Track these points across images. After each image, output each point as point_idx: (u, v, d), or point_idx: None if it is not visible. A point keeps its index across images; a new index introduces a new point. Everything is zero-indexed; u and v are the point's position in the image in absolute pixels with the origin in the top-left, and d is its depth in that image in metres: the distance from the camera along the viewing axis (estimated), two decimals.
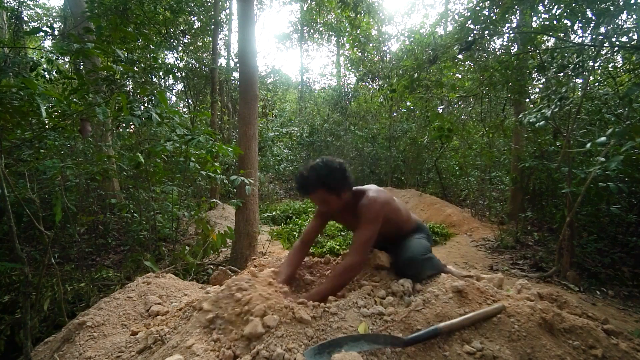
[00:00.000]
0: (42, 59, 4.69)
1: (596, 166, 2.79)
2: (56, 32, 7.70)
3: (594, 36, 3.44)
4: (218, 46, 7.77)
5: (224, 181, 3.48)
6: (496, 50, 5.33)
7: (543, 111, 3.41)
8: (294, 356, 1.10)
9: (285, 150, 10.56)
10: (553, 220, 4.63)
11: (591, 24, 3.35)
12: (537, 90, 5.67)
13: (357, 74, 11.46)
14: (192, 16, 7.63)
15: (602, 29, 3.37)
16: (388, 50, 10.47)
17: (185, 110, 9.24)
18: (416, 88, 5.57)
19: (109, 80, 3.10)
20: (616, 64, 4.66)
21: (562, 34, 3.92)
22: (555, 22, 3.71)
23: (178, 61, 7.46)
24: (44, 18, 11.28)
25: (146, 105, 3.58)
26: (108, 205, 4.14)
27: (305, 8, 15.12)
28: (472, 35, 4.35)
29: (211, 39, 7.87)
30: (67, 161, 3.15)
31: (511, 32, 4.55)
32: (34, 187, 2.59)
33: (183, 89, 8.23)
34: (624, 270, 3.45)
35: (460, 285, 1.41)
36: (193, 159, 3.28)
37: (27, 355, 1.65)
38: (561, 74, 3.74)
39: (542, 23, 3.89)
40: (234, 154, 3.50)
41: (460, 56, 4.93)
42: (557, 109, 3.35)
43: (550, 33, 3.79)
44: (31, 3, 9.73)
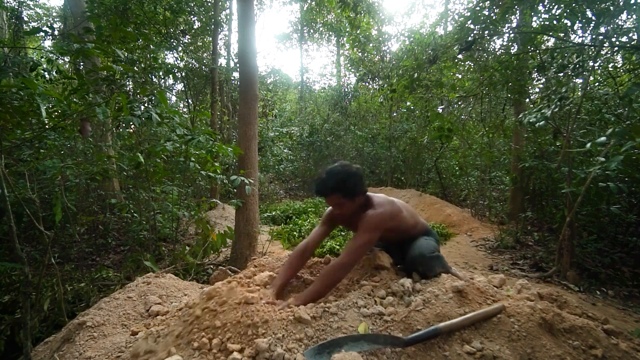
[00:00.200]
0: (42, 59, 4.70)
1: (596, 166, 2.79)
2: (56, 32, 7.71)
3: (594, 36, 3.44)
4: (218, 46, 7.77)
5: (224, 181, 3.48)
6: (496, 50, 5.33)
7: (543, 111, 3.41)
8: (294, 356, 1.10)
9: (285, 150, 10.56)
10: (553, 220, 4.63)
11: (591, 24, 3.35)
12: (537, 90, 5.67)
13: (357, 74, 11.47)
14: (192, 16, 7.63)
15: (602, 29, 3.37)
16: (388, 50, 10.48)
17: (185, 110, 9.23)
18: (416, 88, 5.57)
19: (109, 80, 3.10)
20: (616, 64, 4.66)
21: (562, 34, 3.92)
22: (555, 22, 3.70)
23: (178, 61, 7.45)
24: (44, 18, 11.28)
25: (146, 105, 3.59)
26: (108, 205, 4.14)
27: (305, 8, 15.12)
28: (472, 35, 4.35)
29: (211, 39, 7.87)
30: (67, 161, 3.15)
31: (511, 32, 4.55)
32: (34, 187, 2.59)
33: (183, 89, 8.23)
34: (624, 270, 3.45)
35: (460, 285, 1.41)
36: (193, 159, 3.28)
37: (27, 355, 1.65)
38: (561, 74, 3.74)
39: (542, 23, 3.88)
40: (234, 154, 3.50)
41: (460, 56, 4.93)
42: (557, 109, 3.35)
43: (550, 33, 3.79)
44: (31, 3, 9.73)
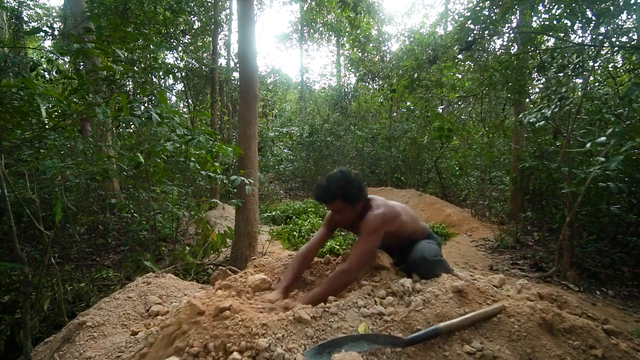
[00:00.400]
0: (42, 59, 4.69)
1: (596, 166, 2.79)
2: (56, 32, 7.71)
3: (594, 36, 3.44)
4: (218, 46, 7.77)
5: (224, 181, 3.48)
6: (496, 50, 5.33)
7: (543, 111, 3.41)
8: (294, 356, 1.10)
9: (285, 150, 10.56)
10: (553, 220, 4.63)
11: (591, 24, 3.35)
12: (537, 90, 5.67)
13: (357, 74, 11.46)
14: (192, 16, 7.63)
15: (602, 29, 3.37)
16: (388, 50, 10.48)
17: (185, 110, 9.23)
18: (416, 88, 5.57)
19: (109, 80, 3.10)
20: (616, 64, 4.66)
21: (562, 34, 3.92)
22: (555, 22, 3.71)
23: (178, 61, 7.45)
24: (44, 18, 11.28)
25: (146, 105, 3.59)
26: (108, 205, 4.14)
27: (305, 8, 15.12)
28: (472, 35, 4.35)
29: (211, 39, 7.86)
30: (67, 161, 3.15)
31: (511, 32, 4.55)
32: (34, 187, 2.59)
33: (183, 89, 8.23)
34: (624, 270, 3.45)
35: (460, 285, 1.41)
36: (193, 159, 3.28)
37: (27, 355, 1.65)
38: (561, 74, 3.74)
39: (542, 23, 3.89)
40: (234, 154, 3.50)
41: (460, 56, 4.93)
42: (557, 109, 3.35)
43: (550, 33, 3.79)
44: (31, 3, 9.73)
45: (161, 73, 6.20)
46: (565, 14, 3.55)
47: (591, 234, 4.00)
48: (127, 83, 5.58)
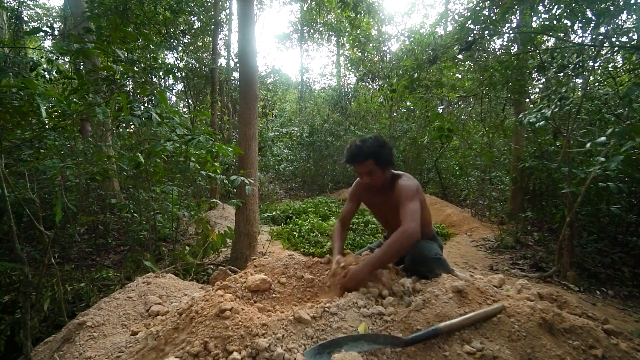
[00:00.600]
0: (42, 59, 4.70)
1: (596, 166, 2.79)
2: (56, 32, 7.71)
3: (594, 36, 3.44)
4: (218, 46, 7.77)
5: (224, 181, 3.48)
6: (496, 50, 5.33)
7: (543, 111, 3.41)
8: (294, 356, 1.10)
9: (285, 150, 10.56)
10: (553, 220, 4.63)
11: (591, 24, 3.35)
12: (537, 90, 5.67)
13: (357, 74, 11.47)
14: (192, 16, 7.63)
15: (602, 29, 3.37)
16: (388, 50, 10.48)
17: (185, 110, 9.23)
18: (416, 88, 5.58)
19: (109, 80, 3.09)
20: (616, 64, 4.66)
21: (562, 34, 3.92)
22: (555, 22, 3.71)
23: (178, 61, 7.45)
24: (44, 18, 11.28)
25: (146, 105, 3.58)
26: (108, 205, 4.14)
27: (305, 8, 15.12)
28: (472, 35, 4.35)
29: (211, 39, 7.86)
30: (67, 161, 3.15)
31: (511, 32, 4.55)
32: (34, 187, 2.59)
33: (183, 89, 8.23)
34: (624, 270, 3.45)
35: (460, 285, 1.41)
36: (193, 159, 3.28)
37: (27, 355, 1.65)
38: (561, 74, 3.74)
39: (542, 23, 3.89)
40: (234, 154, 3.50)
41: (460, 56, 4.93)
42: (557, 109, 3.35)
43: (550, 33, 3.79)
44: (31, 3, 9.73)
45: (161, 73, 6.19)
46: (565, 14, 3.55)
47: (591, 234, 4.00)
48: (127, 83, 5.57)
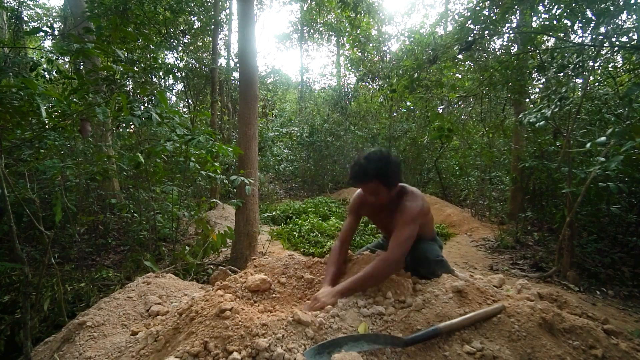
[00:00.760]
0: (42, 59, 4.70)
1: (596, 166, 2.79)
2: (56, 32, 7.71)
3: (594, 36, 3.44)
4: (218, 46, 7.77)
5: (224, 181, 3.48)
6: (496, 50, 5.33)
7: (543, 111, 3.41)
8: (294, 356, 1.10)
9: (285, 150, 10.56)
10: (553, 220, 4.63)
11: (591, 24, 3.35)
12: (537, 90, 5.67)
13: (357, 74, 11.46)
14: (192, 16, 7.63)
15: (602, 29, 3.36)
16: (388, 50, 10.47)
17: (185, 110, 9.24)
18: (416, 88, 5.57)
19: (109, 80, 3.09)
20: (616, 64, 4.66)
21: (562, 34, 3.92)
22: (555, 22, 3.70)
23: (178, 61, 7.45)
24: (44, 18, 11.28)
25: (146, 105, 3.59)
26: (108, 205, 4.14)
27: (305, 8, 15.11)
28: (472, 35, 4.35)
29: (211, 39, 7.87)
30: (67, 161, 3.14)
31: (511, 32, 4.55)
32: (34, 187, 2.59)
33: (183, 89, 8.23)
34: (624, 270, 3.45)
35: (460, 285, 1.41)
36: (193, 159, 3.28)
37: (27, 355, 1.65)
38: (561, 74, 3.74)
39: (542, 23, 3.88)
40: (234, 154, 3.50)
41: (460, 56, 4.93)
42: (557, 109, 3.35)
43: (550, 33, 3.79)
44: (31, 3, 9.73)
45: (161, 73, 6.19)
46: (565, 14, 3.55)
47: (591, 234, 3.99)
48: (127, 83, 5.57)
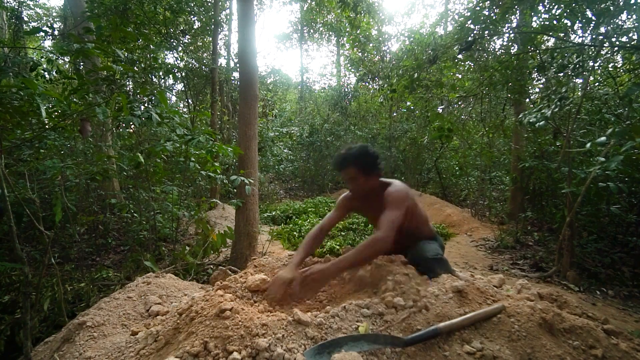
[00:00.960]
0: (42, 59, 4.70)
1: (596, 166, 2.79)
2: (56, 32, 7.71)
3: (594, 36, 3.44)
4: (218, 46, 7.77)
5: (224, 181, 3.48)
6: (496, 50, 5.33)
7: (543, 111, 3.41)
8: (294, 356, 1.10)
9: (285, 150, 10.56)
10: (553, 220, 4.63)
11: (591, 24, 3.35)
12: (537, 90, 5.67)
13: (357, 74, 11.47)
14: (192, 16, 7.63)
15: (602, 29, 3.36)
16: (388, 50, 10.48)
17: (185, 110, 9.23)
18: (416, 88, 5.57)
19: (109, 80, 3.09)
20: (616, 64, 4.66)
21: (562, 34, 3.91)
22: (555, 22, 3.70)
23: (178, 61, 7.45)
24: (44, 18, 11.28)
25: (146, 105, 3.59)
26: (108, 205, 4.14)
27: (305, 8, 15.11)
28: (472, 35, 4.35)
29: (211, 39, 7.87)
30: (67, 161, 3.14)
31: (511, 32, 4.55)
32: (34, 187, 2.59)
33: (183, 89, 8.23)
34: (624, 270, 3.45)
35: (460, 285, 1.41)
36: (193, 159, 3.28)
37: (27, 355, 1.65)
38: (561, 74, 3.74)
39: (542, 23, 3.88)
40: (234, 154, 3.50)
41: (460, 56, 4.93)
42: (557, 109, 3.35)
43: (550, 33, 3.79)
44: (31, 3, 9.72)
45: (161, 73, 6.20)
46: (565, 14, 3.55)
47: (591, 234, 3.99)
48: (127, 83, 5.57)
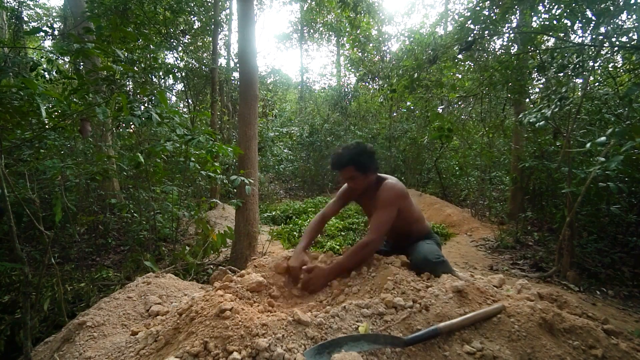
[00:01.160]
0: (42, 59, 4.70)
1: (596, 166, 2.79)
2: (56, 32, 7.71)
3: (594, 36, 3.44)
4: (218, 46, 7.77)
5: (224, 181, 3.48)
6: (496, 50, 5.33)
7: (543, 111, 3.41)
8: (294, 356, 1.10)
9: (285, 150, 10.56)
10: (553, 220, 4.63)
11: (591, 24, 3.34)
12: (537, 90, 5.67)
13: (357, 74, 11.47)
14: (192, 16, 7.63)
15: (602, 29, 3.36)
16: (388, 50, 10.48)
17: (185, 110, 9.23)
18: (416, 88, 5.57)
19: (109, 80, 3.09)
20: (616, 64, 4.66)
21: (562, 34, 3.91)
22: (555, 22, 3.70)
23: (178, 61, 7.45)
24: (44, 18, 11.27)
25: (146, 105, 3.59)
26: (108, 205, 4.14)
27: (305, 8, 15.11)
28: (472, 35, 4.35)
29: (211, 39, 7.86)
30: (67, 161, 3.15)
31: (511, 32, 4.55)
32: (34, 187, 2.59)
33: (183, 89, 8.23)
34: (624, 270, 3.45)
35: (460, 285, 1.41)
36: (193, 159, 3.28)
37: (27, 355, 1.65)
38: (561, 74, 3.74)
39: (542, 23, 3.88)
40: (234, 154, 3.50)
41: (460, 56, 4.93)
42: (557, 109, 3.34)
43: (550, 33, 3.79)
44: (31, 3, 9.72)
45: (161, 73, 6.19)
46: (565, 14, 3.55)
47: (591, 234, 3.99)
48: (127, 83, 5.57)
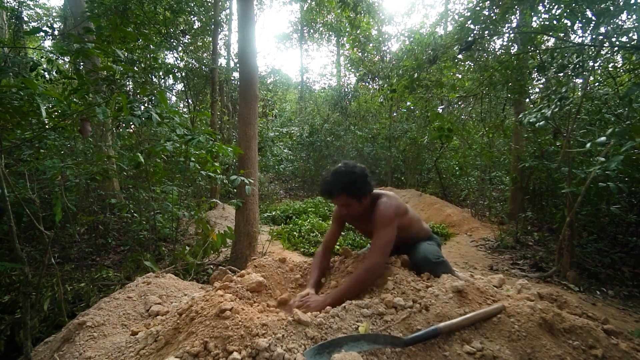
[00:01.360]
0: (42, 59, 4.70)
1: (596, 166, 2.79)
2: (56, 32, 7.71)
3: (594, 36, 3.44)
4: (218, 46, 7.77)
5: (224, 181, 3.48)
6: (496, 50, 5.33)
7: (543, 111, 3.41)
8: (294, 356, 1.10)
9: (285, 150, 10.56)
10: (553, 220, 4.63)
11: (591, 24, 3.34)
12: (537, 90, 5.67)
13: (357, 74, 11.47)
14: (192, 16, 7.63)
15: (602, 29, 3.36)
16: (388, 50, 10.48)
17: (185, 110, 9.23)
18: (416, 88, 5.57)
19: (109, 80, 3.09)
20: (616, 64, 4.66)
21: (562, 34, 3.92)
22: (555, 22, 3.70)
23: (178, 61, 7.45)
24: (44, 18, 11.27)
25: (146, 105, 3.59)
26: (108, 205, 4.13)
27: (305, 8, 15.12)
28: (472, 35, 4.35)
29: (211, 39, 7.86)
30: (67, 161, 3.14)
31: (511, 32, 4.55)
32: (34, 187, 2.59)
33: (183, 89, 8.23)
34: (624, 270, 3.45)
35: (460, 285, 1.41)
36: (193, 159, 3.28)
37: (27, 355, 1.65)
38: (561, 74, 3.74)
39: (542, 23, 3.88)
40: (234, 154, 3.50)
41: (460, 56, 4.93)
42: (557, 109, 3.35)
43: (550, 33, 3.79)
44: (31, 3, 9.71)
45: (161, 73, 6.19)
46: (565, 14, 3.55)
47: (591, 234, 3.99)
48: (127, 83, 5.57)
